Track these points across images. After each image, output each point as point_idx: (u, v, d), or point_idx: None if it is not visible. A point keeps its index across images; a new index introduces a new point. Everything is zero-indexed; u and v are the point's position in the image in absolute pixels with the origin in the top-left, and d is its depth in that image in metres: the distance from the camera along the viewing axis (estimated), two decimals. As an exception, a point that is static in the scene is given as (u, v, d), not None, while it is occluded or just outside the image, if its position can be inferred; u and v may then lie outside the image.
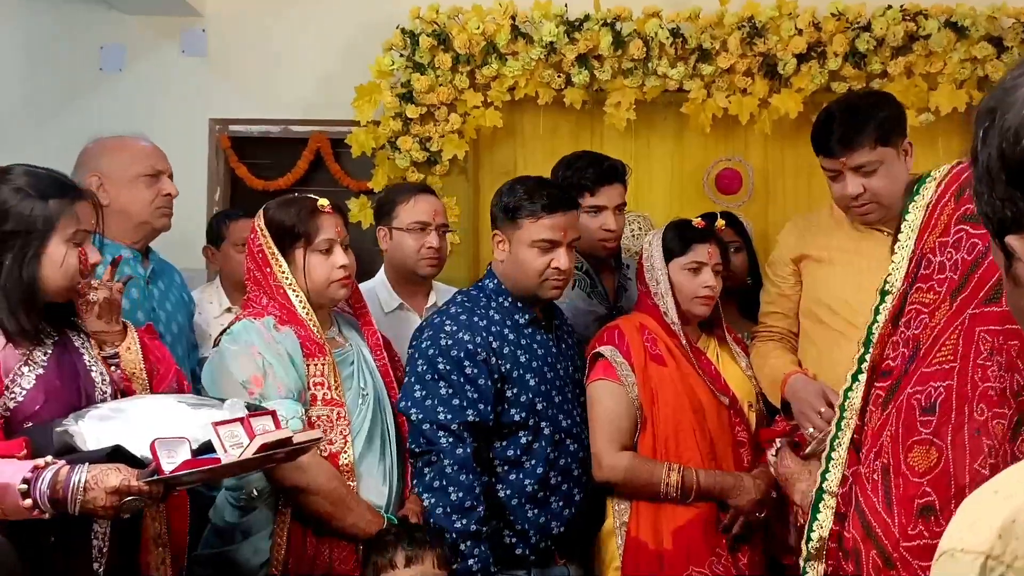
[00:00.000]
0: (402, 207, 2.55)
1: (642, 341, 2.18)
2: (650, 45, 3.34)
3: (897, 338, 1.36)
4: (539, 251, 2.10)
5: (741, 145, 3.55)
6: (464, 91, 3.41)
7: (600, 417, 2.16)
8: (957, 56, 3.28)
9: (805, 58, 3.34)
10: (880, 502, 1.23)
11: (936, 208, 1.38)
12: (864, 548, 1.23)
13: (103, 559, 1.62)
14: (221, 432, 1.46)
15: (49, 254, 1.61)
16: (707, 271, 2.20)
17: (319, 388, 1.98)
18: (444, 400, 2.02)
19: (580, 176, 2.50)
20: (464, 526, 1.97)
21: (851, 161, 2.09)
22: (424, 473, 2.03)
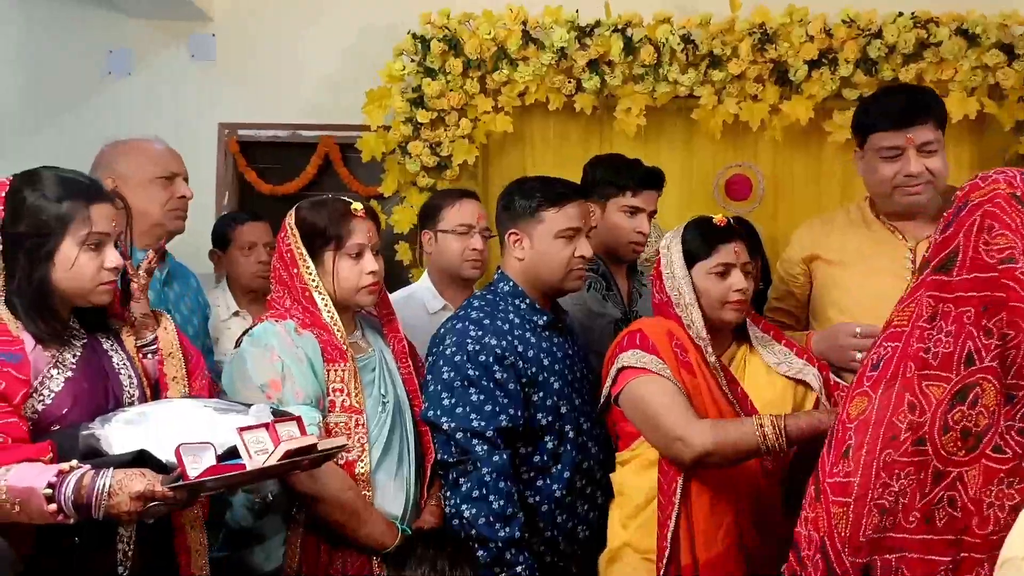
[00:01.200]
0: (447, 210, 2.58)
1: (671, 346, 1.98)
2: (661, 51, 3.34)
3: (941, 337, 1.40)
4: (564, 241, 2.09)
5: (751, 151, 3.55)
6: (475, 96, 3.41)
7: (653, 405, 1.92)
8: (968, 63, 3.28)
9: (816, 64, 3.34)
10: (826, 446, 1.38)
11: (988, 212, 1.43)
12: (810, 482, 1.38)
13: (128, 562, 1.61)
14: (246, 437, 1.44)
15: (60, 256, 1.59)
16: (736, 273, 1.99)
17: (339, 394, 1.95)
18: (476, 407, 1.98)
19: (622, 176, 2.54)
20: (509, 534, 1.93)
21: (918, 136, 2.06)
22: (460, 484, 1.97)
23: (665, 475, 1.93)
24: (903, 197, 2.11)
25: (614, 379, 2.00)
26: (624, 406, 2.00)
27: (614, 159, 2.68)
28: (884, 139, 2.10)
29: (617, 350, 2.02)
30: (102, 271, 1.63)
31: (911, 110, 2.08)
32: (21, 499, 1.41)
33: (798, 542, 1.37)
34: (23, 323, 1.57)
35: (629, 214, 2.53)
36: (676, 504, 1.90)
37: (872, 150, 2.14)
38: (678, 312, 2.01)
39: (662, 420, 1.90)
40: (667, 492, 1.92)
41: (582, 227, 2.11)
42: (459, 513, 1.96)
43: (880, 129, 2.11)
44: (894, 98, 2.15)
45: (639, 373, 1.95)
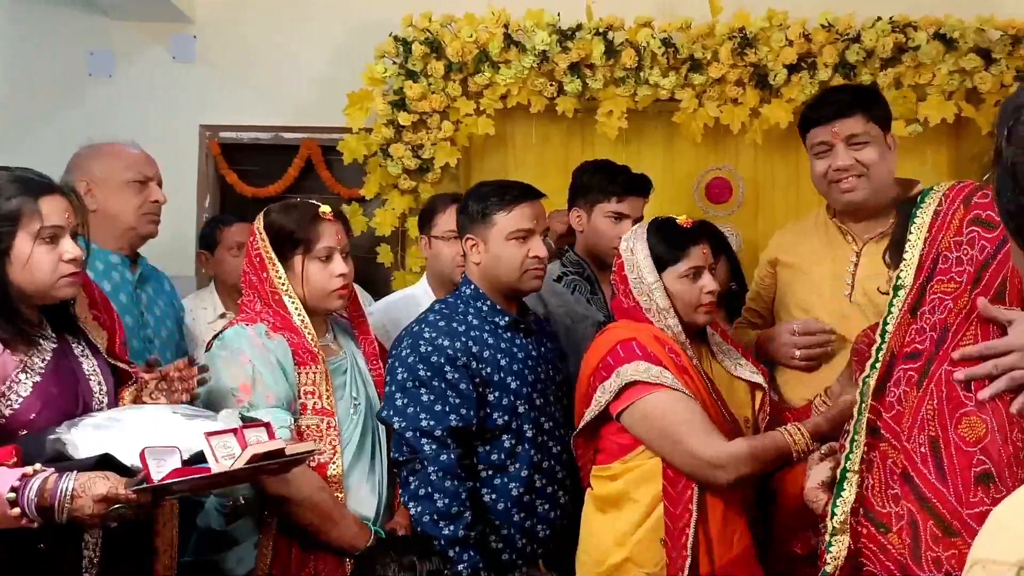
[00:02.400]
0: (439, 216, 2.61)
1: (666, 352, 1.92)
2: (642, 54, 3.35)
3: (921, 324, 1.44)
4: (516, 242, 2.10)
5: (732, 155, 3.57)
6: (456, 99, 3.41)
7: (675, 424, 1.86)
8: (946, 67, 3.31)
9: (795, 68, 3.36)
10: (932, 474, 1.31)
11: (947, 213, 1.49)
12: (920, 519, 1.30)
13: (94, 569, 1.60)
14: (213, 442, 1.44)
15: (15, 252, 1.57)
16: (706, 274, 1.97)
17: (310, 397, 1.97)
18: (426, 407, 2.01)
19: (610, 181, 2.56)
20: (452, 532, 1.95)
21: (843, 129, 2.08)
22: (409, 482, 2.00)
23: (675, 485, 1.89)
24: (838, 194, 2.13)
25: (618, 393, 1.91)
26: (633, 422, 1.91)
27: (601, 165, 2.70)
28: (815, 135, 2.14)
29: (611, 360, 1.94)
30: (61, 264, 1.61)
31: (838, 104, 2.11)
32: None
33: None
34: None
35: (614, 220, 2.56)
36: (693, 512, 1.86)
37: (809, 148, 2.19)
38: (649, 317, 1.97)
39: (691, 443, 1.85)
40: (680, 501, 1.88)
41: (534, 228, 2.12)
42: (408, 511, 1.99)
43: (811, 126, 2.15)
44: (826, 95, 2.21)
45: (653, 389, 1.88)
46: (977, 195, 1.49)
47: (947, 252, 1.46)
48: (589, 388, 1.98)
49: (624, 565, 1.92)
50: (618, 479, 1.96)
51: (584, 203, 2.63)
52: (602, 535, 1.97)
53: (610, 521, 1.96)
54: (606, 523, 1.97)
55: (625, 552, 1.92)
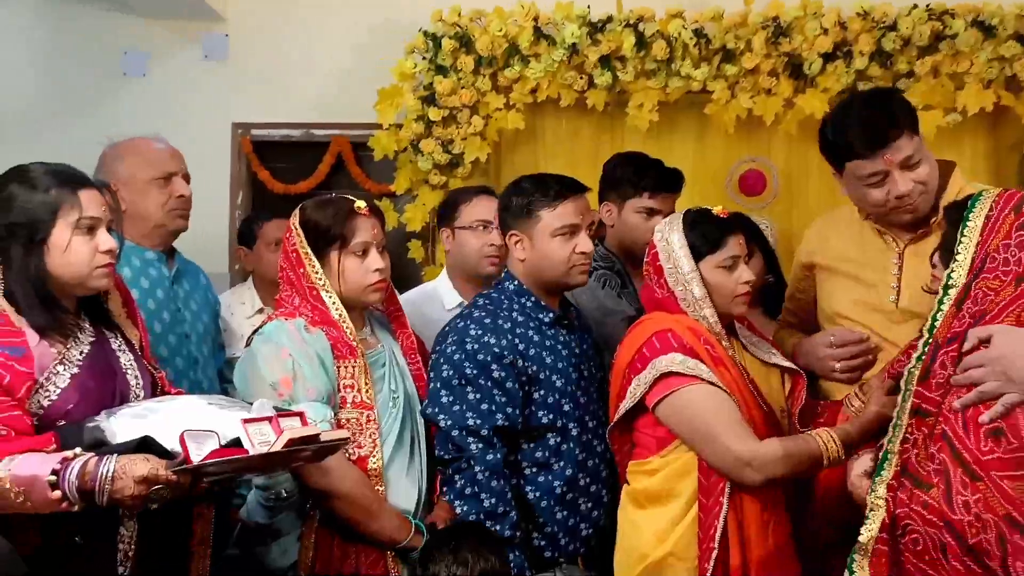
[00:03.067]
0: (464, 207, 2.58)
1: (702, 344, 1.91)
2: (673, 46, 3.32)
3: (963, 313, 1.56)
4: (562, 238, 2.08)
5: (765, 146, 3.53)
6: (486, 93, 3.41)
7: (709, 420, 1.85)
8: (984, 55, 3.24)
9: (831, 58, 3.31)
10: (960, 428, 1.47)
11: (998, 218, 1.60)
12: (952, 468, 1.46)
13: (128, 563, 1.61)
14: (250, 429, 1.45)
15: (53, 241, 1.60)
16: (742, 265, 1.96)
17: (349, 391, 1.96)
18: (472, 405, 1.99)
19: (641, 176, 2.53)
20: (499, 532, 1.94)
21: (897, 155, 1.91)
22: (455, 480, 1.99)
23: (708, 476, 1.88)
24: (901, 216, 1.99)
25: (652, 385, 1.90)
26: (668, 414, 1.90)
27: (634, 158, 2.67)
28: (863, 167, 1.93)
29: (647, 352, 1.91)
30: (97, 255, 1.64)
31: (880, 129, 1.92)
32: (25, 488, 1.42)
33: (959, 529, 1.42)
34: (24, 314, 1.58)
35: (645, 215, 2.54)
36: (724, 504, 1.85)
37: (854, 178, 1.98)
38: (684, 308, 1.96)
39: (725, 440, 1.84)
40: (713, 492, 1.87)
41: (580, 223, 2.10)
42: (454, 510, 1.97)
43: (855, 157, 1.94)
44: (858, 118, 1.96)
45: (688, 381, 1.86)
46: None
47: (995, 253, 1.56)
48: (624, 381, 1.96)
49: (666, 560, 1.89)
50: (657, 473, 1.94)
51: (615, 197, 2.60)
52: (642, 531, 1.94)
53: (651, 516, 1.93)
54: (646, 518, 1.94)
55: (667, 547, 1.89)
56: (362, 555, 1.95)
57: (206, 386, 2.42)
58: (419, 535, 1.94)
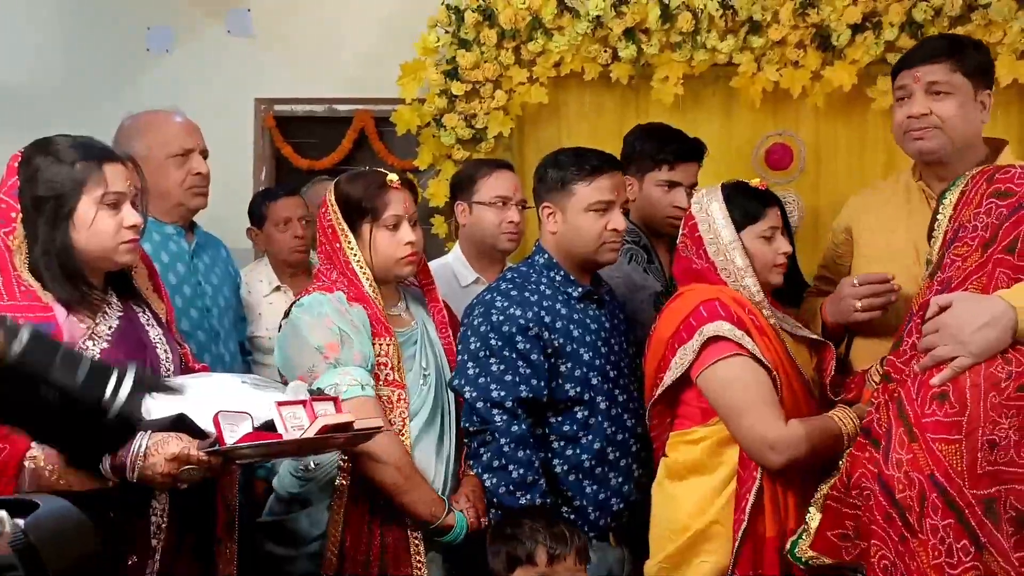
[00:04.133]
0: (483, 181, 2.56)
1: (747, 315, 1.92)
2: (699, 18, 3.28)
3: (933, 283, 1.60)
4: (595, 214, 2.08)
5: (792, 119, 3.47)
6: (509, 67, 3.38)
7: (743, 397, 1.86)
8: (1018, 25, 3.17)
9: (860, 29, 3.25)
10: (914, 392, 1.50)
11: (971, 191, 1.60)
12: (895, 426, 1.50)
13: (161, 534, 1.64)
14: (283, 412, 1.47)
15: (79, 216, 1.61)
16: (780, 236, 1.99)
17: (382, 368, 1.98)
18: (497, 377, 2.01)
19: (660, 149, 2.51)
20: (529, 501, 1.96)
21: (926, 75, 1.97)
22: (480, 453, 2.01)
23: None
24: (911, 143, 2.02)
25: (698, 352, 1.90)
26: (708, 385, 1.91)
27: (653, 130, 2.64)
28: (897, 80, 2.04)
29: (693, 321, 1.92)
30: (122, 230, 1.64)
31: (925, 49, 2.02)
32: (59, 465, 1.44)
33: (889, 485, 1.48)
34: (50, 289, 1.59)
35: (666, 188, 2.51)
36: (757, 478, 1.86)
37: (894, 96, 2.08)
38: (725, 278, 1.97)
39: (752, 419, 1.85)
40: (749, 465, 1.88)
41: (614, 200, 2.10)
42: (483, 482, 2.00)
43: (898, 71, 2.05)
44: (925, 41, 2.11)
45: (733, 350, 1.87)
46: (1000, 172, 1.60)
47: (966, 223, 1.58)
48: (667, 351, 1.95)
49: (711, 529, 1.90)
50: (701, 443, 1.94)
51: (636, 171, 2.57)
52: (681, 503, 1.95)
53: (691, 487, 1.94)
54: (688, 489, 1.95)
55: (712, 515, 1.90)
56: (388, 534, 1.96)
57: (228, 359, 2.44)
58: (453, 515, 1.96)
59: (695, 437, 1.96)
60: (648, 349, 2.04)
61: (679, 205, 2.49)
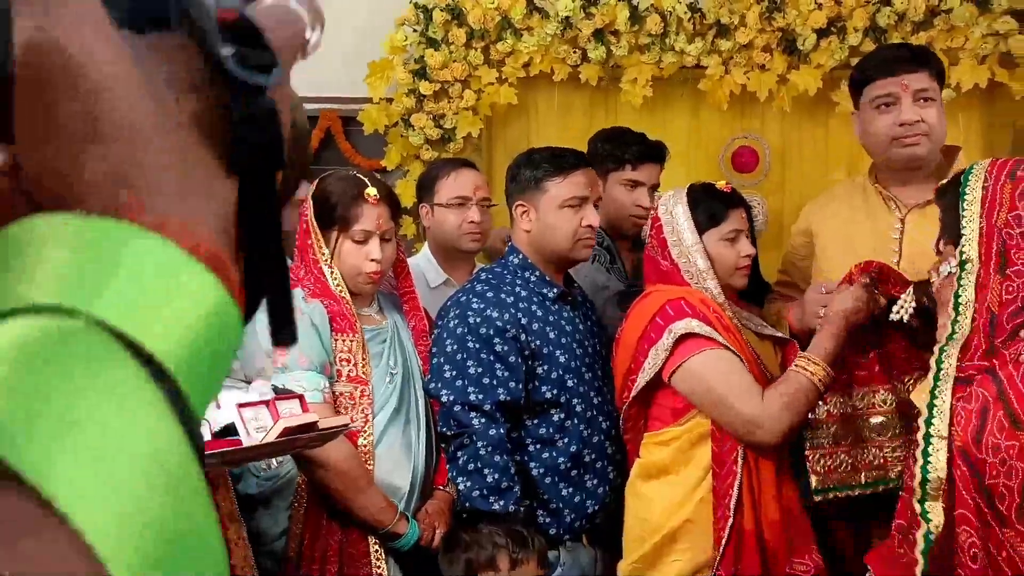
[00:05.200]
0: (442, 183, 2.53)
1: (711, 314, 1.94)
2: (668, 20, 3.29)
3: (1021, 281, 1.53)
4: (570, 211, 2.08)
5: (758, 123, 3.51)
6: (478, 67, 3.37)
7: (719, 384, 1.87)
8: (979, 31, 3.22)
9: (825, 33, 3.28)
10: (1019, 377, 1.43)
11: (995, 188, 1.58)
12: (992, 408, 1.43)
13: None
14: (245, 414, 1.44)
15: None
16: (743, 238, 2.00)
17: (345, 364, 1.96)
18: (474, 380, 1.99)
19: (623, 150, 2.52)
20: (502, 507, 1.95)
21: (913, 83, 2.01)
22: (457, 457, 1.99)
23: (721, 444, 1.90)
24: (901, 149, 2.06)
25: (671, 350, 1.90)
26: (684, 381, 1.92)
27: (615, 132, 2.67)
28: (878, 87, 2.05)
29: (660, 320, 1.93)
30: None
31: (905, 57, 2.05)
32: None
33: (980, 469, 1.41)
34: None
35: (629, 188, 2.52)
36: (738, 472, 1.87)
37: (867, 103, 2.09)
38: (688, 280, 1.98)
39: (733, 402, 1.86)
40: (726, 461, 1.89)
41: (588, 196, 2.10)
42: (456, 486, 1.99)
43: (877, 77, 2.06)
44: (888, 49, 2.16)
45: (705, 344, 1.89)
46: (1020, 169, 1.59)
47: (1008, 228, 1.54)
48: (636, 353, 1.95)
49: (684, 527, 1.91)
50: (673, 443, 1.95)
51: (599, 172, 2.57)
52: (654, 503, 1.95)
53: (662, 487, 1.95)
54: (660, 489, 1.95)
55: (684, 515, 1.91)
56: (347, 532, 1.95)
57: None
58: (404, 522, 1.94)
59: (666, 438, 1.96)
60: (616, 351, 2.04)
61: (642, 204, 2.51)
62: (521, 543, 1.79)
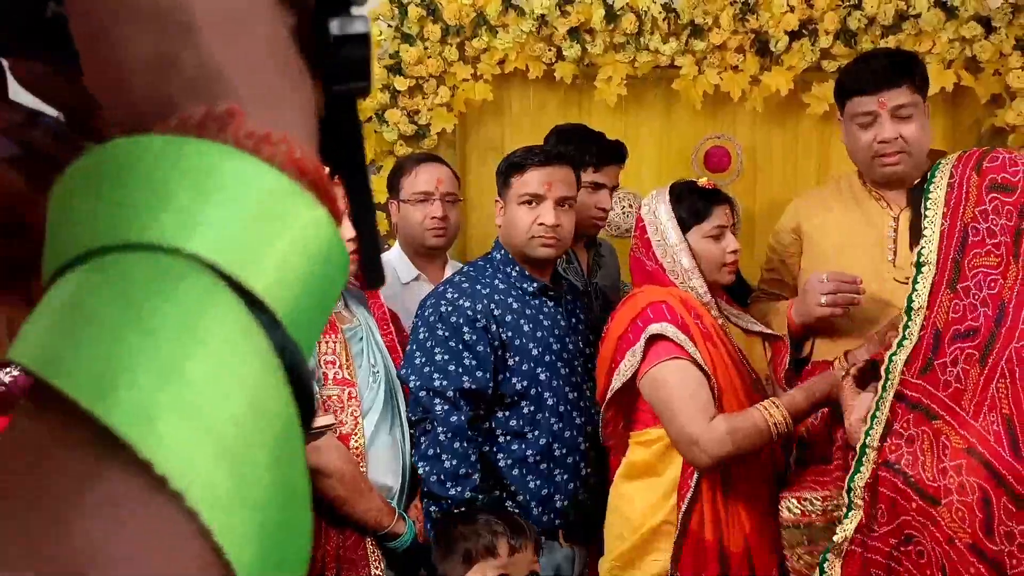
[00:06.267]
0: (406, 179, 2.53)
1: (692, 317, 1.93)
2: (642, 19, 3.31)
3: (969, 300, 1.47)
4: (526, 207, 2.08)
5: (730, 123, 3.54)
6: (453, 63, 3.35)
7: (675, 397, 1.86)
8: (946, 36, 3.29)
9: (796, 35, 3.33)
10: (1007, 452, 1.35)
11: (961, 184, 1.53)
12: (994, 495, 1.34)
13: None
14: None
15: None
16: (729, 234, 1.99)
17: (331, 367, 1.93)
18: (441, 367, 2.00)
19: (584, 151, 2.50)
20: (459, 493, 1.95)
21: (891, 100, 2.03)
22: (420, 442, 2.00)
23: None
24: (880, 167, 2.10)
25: (643, 354, 1.90)
26: (646, 386, 1.92)
27: (574, 132, 2.61)
28: (859, 104, 2.08)
29: (640, 323, 1.93)
30: None
31: (885, 73, 2.06)
32: None
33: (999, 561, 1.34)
34: None
35: (590, 189, 2.49)
36: (692, 484, 1.87)
37: (849, 117, 2.13)
38: (673, 279, 1.98)
39: (682, 418, 1.84)
40: (687, 469, 1.89)
41: (543, 194, 2.08)
42: (417, 471, 1.99)
43: (856, 94, 2.09)
44: (871, 62, 2.13)
45: (673, 352, 1.87)
46: (986, 160, 1.52)
47: (974, 223, 1.48)
48: (616, 353, 1.96)
49: (662, 528, 1.92)
50: (654, 444, 1.95)
51: None
52: (637, 501, 1.96)
53: (645, 487, 1.95)
54: (641, 488, 1.96)
55: (662, 515, 1.91)
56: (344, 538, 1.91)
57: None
58: (402, 521, 1.93)
59: (648, 438, 1.97)
60: (601, 349, 2.04)
61: (602, 206, 2.51)
62: (518, 531, 1.78)
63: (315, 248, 0.29)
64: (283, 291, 0.28)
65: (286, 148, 0.29)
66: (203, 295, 0.26)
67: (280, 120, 0.30)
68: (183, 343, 0.25)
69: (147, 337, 0.25)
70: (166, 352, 0.25)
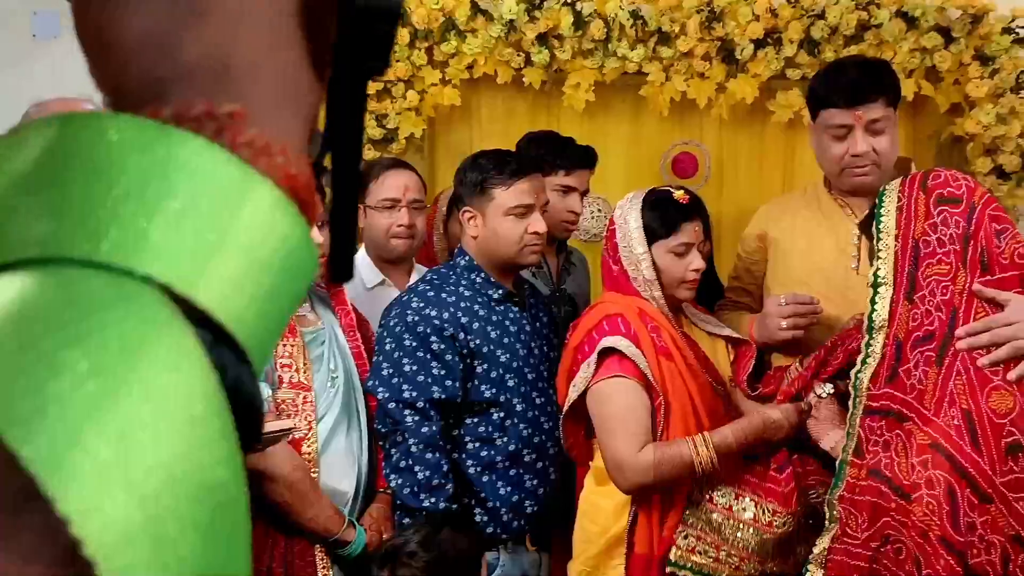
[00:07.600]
0: (373, 185, 2.50)
1: (648, 331, 1.91)
2: (610, 26, 3.33)
3: (925, 308, 1.54)
4: (515, 218, 2.08)
5: (697, 129, 3.58)
6: (422, 68, 3.35)
7: (613, 416, 1.86)
8: (907, 45, 3.35)
9: (761, 44, 3.37)
10: (968, 445, 1.42)
11: (909, 204, 1.61)
12: (959, 488, 1.41)
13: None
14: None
15: None
16: (694, 252, 1.96)
17: (286, 370, 1.92)
18: (409, 377, 1.98)
19: (555, 155, 2.51)
20: (433, 505, 1.94)
21: (867, 114, 2.03)
22: (391, 454, 1.98)
23: None
24: (851, 179, 2.12)
25: (595, 368, 1.90)
26: (591, 398, 1.91)
27: (545, 137, 2.64)
28: (834, 116, 2.07)
29: (595, 335, 1.93)
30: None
31: (862, 86, 2.06)
32: None
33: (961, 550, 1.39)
34: None
35: (561, 193, 2.52)
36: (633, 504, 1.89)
37: (822, 127, 2.13)
38: (636, 287, 1.98)
39: (614, 439, 1.85)
40: None
41: (534, 203, 2.10)
42: (389, 483, 1.97)
43: (830, 106, 2.09)
44: (846, 73, 2.12)
45: (622, 369, 1.86)
46: (930, 178, 1.61)
47: (925, 236, 1.56)
48: (572, 364, 1.97)
49: (623, 535, 1.92)
50: None
51: None
52: (603, 506, 1.97)
53: (612, 492, 1.95)
54: (607, 494, 1.96)
55: (624, 522, 1.92)
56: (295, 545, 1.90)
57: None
58: (352, 529, 1.91)
59: None
60: (562, 358, 2.05)
61: (573, 210, 2.53)
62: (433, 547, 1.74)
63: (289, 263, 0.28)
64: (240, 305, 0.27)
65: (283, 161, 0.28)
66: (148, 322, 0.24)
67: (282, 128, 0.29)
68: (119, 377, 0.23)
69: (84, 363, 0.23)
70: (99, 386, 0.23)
